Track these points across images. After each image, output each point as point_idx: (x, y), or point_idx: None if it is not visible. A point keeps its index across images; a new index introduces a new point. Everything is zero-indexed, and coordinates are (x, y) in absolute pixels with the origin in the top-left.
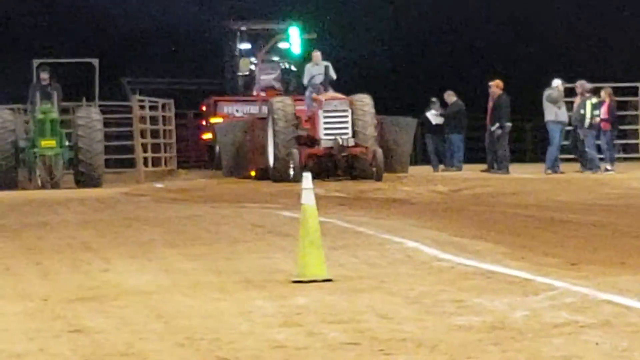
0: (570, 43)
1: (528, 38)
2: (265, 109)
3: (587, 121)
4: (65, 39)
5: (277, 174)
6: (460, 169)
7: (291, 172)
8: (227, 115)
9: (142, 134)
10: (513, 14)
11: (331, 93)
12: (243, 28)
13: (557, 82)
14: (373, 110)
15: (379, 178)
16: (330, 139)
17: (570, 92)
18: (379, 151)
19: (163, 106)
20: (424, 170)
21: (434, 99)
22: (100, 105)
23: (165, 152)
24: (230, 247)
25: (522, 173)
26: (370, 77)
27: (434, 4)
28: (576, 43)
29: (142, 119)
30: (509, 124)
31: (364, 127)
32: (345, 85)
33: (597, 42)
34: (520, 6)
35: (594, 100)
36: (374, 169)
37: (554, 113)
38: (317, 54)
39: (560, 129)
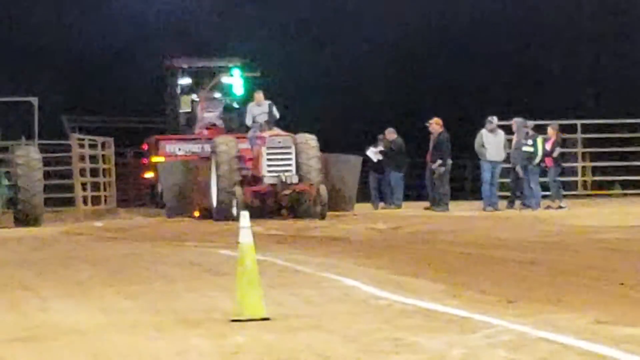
0: (509, 80)
1: (466, 74)
2: (207, 147)
3: (538, 158)
4: (4, 77)
5: (221, 213)
6: (400, 206)
7: (234, 211)
8: (169, 154)
9: (82, 172)
10: (452, 51)
11: (275, 130)
12: (184, 65)
13: (494, 119)
14: (318, 149)
15: (322, 216)
16: (273, 176)
17: (507, 130)
18: (323, 188)
19: (102, 144)
20: (364, 207)
21: (380, 136)
22: (39, 144)
23: (104, 190)
24: (168, 286)
25: (462, 210)
26: (311, 114)
27: (373, 42)
28: (515, 80)
29: (82, 158)
30: (449, 161)
31: (308, 164)
32: (287, 121)
33: (535, 80)
34: (458, 43)
35: (540, 138)
36: (318, 207)
37: (482, 153)
38: (259, 95)
39: (489, 167)
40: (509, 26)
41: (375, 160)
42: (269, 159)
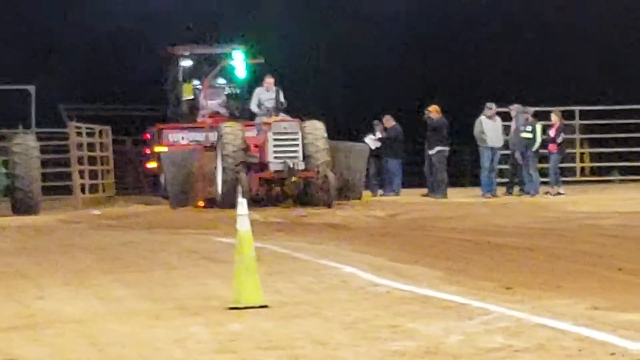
0: (506, 67)
1: (465, 62)
2: (212, 135)
3: (537, 145)
4: (0, 66)
5: (226, 201)
6: (398, 193)
7: (239, 197)
8: (172, 143)
9: (79, 160)
10: (450, 39)
11: (281, 116)
12: (186, 52)
13: (492, 106)
14: (325, 135)
15: (329, 204)
16: (280, 162)
17: (505, 116)
18: (331, 175)
19: (100, 132)
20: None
21: (376, 121)
22: (37, 132)
23: (102, 178)
24: (166, 274)
25: (460, 197)
26: (309, 101)
27: (371, 30)
28: (512, 67)
29: (79, 146)
30: (447, 148)
31: (316, 151)
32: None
33: (533, 66)
34: (456, 31)
35: (539, 124)
36: (325, 194)
37: (482, 139)
38: (269, 80)
39: (489, 154)
40: (507, 12)
41: (373, 147)
42: (275, 145)
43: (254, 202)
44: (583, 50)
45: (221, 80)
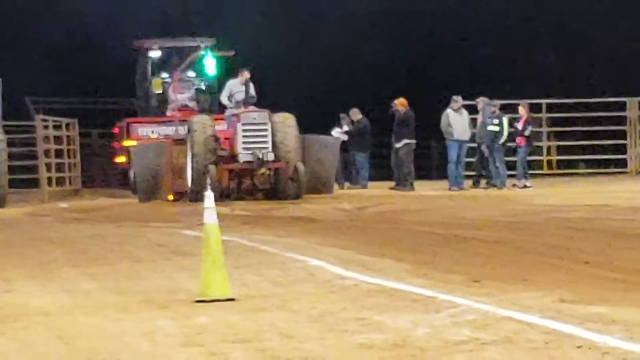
0: (473, 60)
1: (431, 55)
2: (181, 129)
3: (504, 138)
4: None
5: (195, 194)
6: (365, 186)
7: (207, 190)
8: (141, 137)
9: (46, 153)
10: (419, 32)
11: (251, 108)
12: (155, 46)
13: (459, 98)
14: (296, 128)
15: (299, 196)
16: (249, 154)
17: (471, 109)
18: (301, 166)
19: (67, 125)
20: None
21: (342, 114)
22: (3, 125)
23: (69, 171)
24: (133, 267)
25: (427, 190)
26: (276, 94)
27: (339, 24)
28: (478, 60)
29: (46, 139)
30: (413, 141)
31: (286, 143)
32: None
33: (500, 59)
34: (423, 25)
35: (506, 117)
36: (295, 185)
37: (449, 132)
38: (246, 75)
39: (456, 147)
40: (474, 7)
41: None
42: (244, 136)
43: (224, 196)
44: (549, 44)
45: (191, 74)
